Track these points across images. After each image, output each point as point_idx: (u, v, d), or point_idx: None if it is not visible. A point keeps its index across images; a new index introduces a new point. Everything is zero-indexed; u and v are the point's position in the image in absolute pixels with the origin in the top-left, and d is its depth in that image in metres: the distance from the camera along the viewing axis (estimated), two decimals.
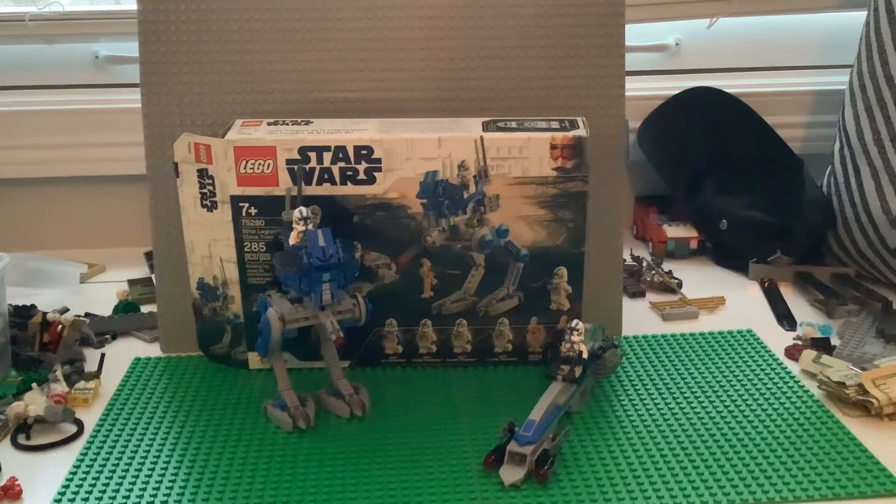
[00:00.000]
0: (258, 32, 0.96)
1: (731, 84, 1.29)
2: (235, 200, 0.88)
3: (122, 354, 0.98)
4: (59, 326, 0.98)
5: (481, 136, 0.87)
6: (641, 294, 1.13)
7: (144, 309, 1.09)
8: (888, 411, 0.84)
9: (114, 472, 0.78)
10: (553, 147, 0.88)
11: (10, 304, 1.01)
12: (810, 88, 1.33)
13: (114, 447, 0.81)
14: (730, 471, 0.77)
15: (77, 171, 1.27)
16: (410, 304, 0.92)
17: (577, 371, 0.84)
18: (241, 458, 0.80)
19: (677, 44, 1.34)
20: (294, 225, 0.82)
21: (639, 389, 0.90)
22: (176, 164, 0.89)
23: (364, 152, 0.87)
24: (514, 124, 0.90)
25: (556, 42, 0.97)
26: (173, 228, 0.94)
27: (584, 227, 0.91)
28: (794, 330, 1.03)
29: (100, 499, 0.74)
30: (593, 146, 0.89)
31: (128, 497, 0.75)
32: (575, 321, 0.86)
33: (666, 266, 1.19)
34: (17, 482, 0.75)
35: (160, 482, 0.76)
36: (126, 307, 1.09)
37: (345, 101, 0.97)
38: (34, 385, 0.88)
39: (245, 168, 0.87)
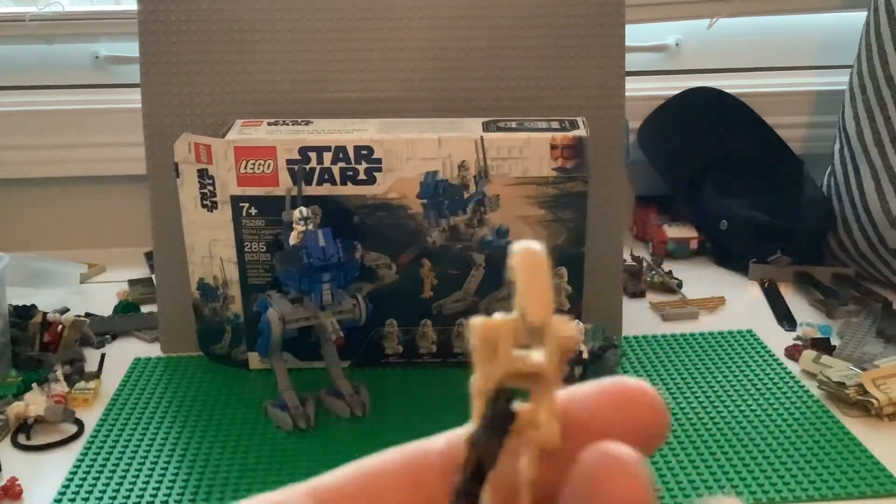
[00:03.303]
0: (258, 33, 0.96)
1: (731, 84, 1.29)
2: (235, 200, 0.88)
3: (122, 354, 0.98)
4: (59, 326, 0.98)
5: (481, 137, 0.87)
6: (641, 294, 1.13)
7: (144, 309, 1.09)
8: (888, 411, 0.84)
9: (114, 472, 0.78)
10: (553, 147, 0.88)
11: (10, 304, 1.01)
12: (810, 88, 1.33)
13: (114, 447, 0.82)
14: (730, 471, 0.77)
15: (77, 171, 1.27)
16: (410, 304, 0.92)
17: (578, 371, 0.84)
18: (241, 458, 0.80)
19: (677, 44, 1.34)
20: (294, 225, 0.82)
21: None
22: (176, 164, 0.89)
23: (364, 152, 0.87)
24: (514, 124, 0.90)
25: (556, 42, 0.97)
26: (173, 228, 0.94)
27: (584, 227, 0.91)
28: (794, 330, 1.03)
29: (100, 499, 0.74)
30: (593, 146, 0.89)
31: (128, 497, 0.75)
32: (575, 321, 0.86)
33: (666, 266, 1.19)
34: (17, 482, 0.75)
35: (160, 482, 0.76)
36: (126, 307, 1.09)
37: (345, 101, 0.97)
38: (34, 385, 0.88)
39: (245, 168, 0.87)
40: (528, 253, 0.21)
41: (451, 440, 0.23)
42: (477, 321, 0.21)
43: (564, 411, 0.21)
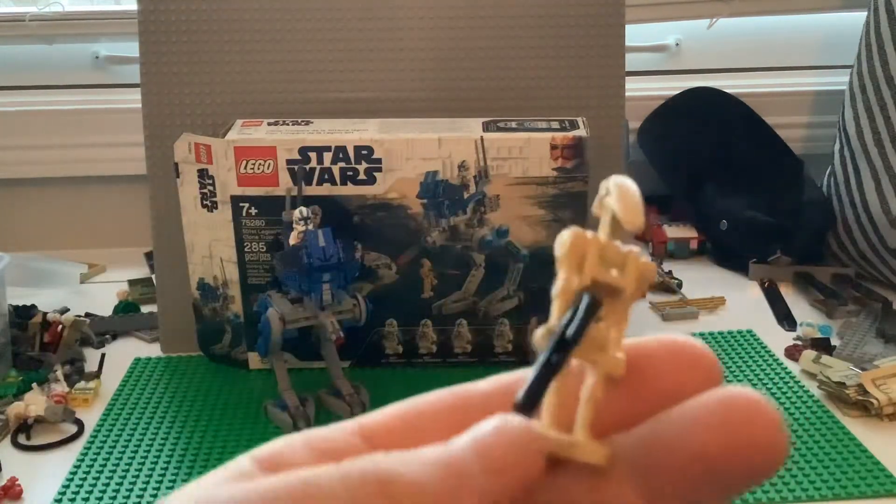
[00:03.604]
0: (258, 32, 0.96)
1: (731, 84, 1.29)
2: (235, 200, 0.88)
3: (122, 354, 0.98)
4: (59, 326, 0.98)
5: (481, 137, 0.87)
6: (641, 294, 1.12)
7: (144, 309, 1.09)
8: (888, 411, 0.84)
9: (114, 472, 0.78)
10: (553, 147, 0.88)
11: (10, 304, 1.01)
12: (810, 88, 1.33)
13: (114, 447, 0.82)
14: None
15: (77, 171, 1.27)
16: (410, 304, 0.92)
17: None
18: None
19: (677, 44, 1.34)
20: (294, 225, 0.82)
21: None
22: (176, 164, 0.89)
23: (364, 152, 0.87)
24: (514, 124, 0.90)
25: (557, 42, 0.97)
26: (173, 228, 0.94)
27: (584, 228, 0.90)
28: (794, 330, 1.03)
29: (100, 499, 0.74)
30: (593, 146, 0.89)
31: (128, 497, 0.75)
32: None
33: (666, 266, 1.19)
34: (17, 482, 0.75)
35: (160, 482, 0.76)
36: (126, 307, 1.09)
37: (345, 101, 0.97)
38: (34, 385, 0.88)
39: (245, 168, 0.87)
40: (623, 180, 0.23)
41: (494, 383, 0.23)
42: (568, 231, 0.23)
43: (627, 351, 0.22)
